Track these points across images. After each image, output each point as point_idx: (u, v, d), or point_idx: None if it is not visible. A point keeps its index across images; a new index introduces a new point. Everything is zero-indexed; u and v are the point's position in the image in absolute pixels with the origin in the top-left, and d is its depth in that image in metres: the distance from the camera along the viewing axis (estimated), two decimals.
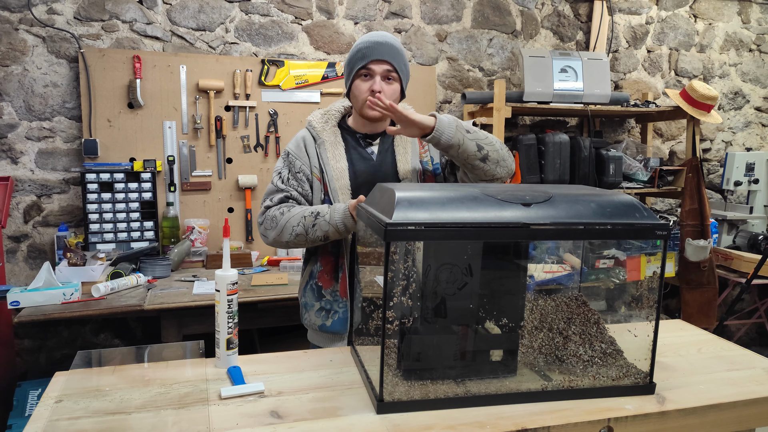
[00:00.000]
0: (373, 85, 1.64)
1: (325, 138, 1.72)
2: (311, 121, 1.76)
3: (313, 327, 1.76)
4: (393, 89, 1.67)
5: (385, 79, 1.66)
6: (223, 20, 3.03)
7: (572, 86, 3.15)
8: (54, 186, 2.86)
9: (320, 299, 1.73)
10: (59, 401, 1.13)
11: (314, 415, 1.08)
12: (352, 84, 1.68)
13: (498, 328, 1.22)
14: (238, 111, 3.02)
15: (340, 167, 1.69)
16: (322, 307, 1.73)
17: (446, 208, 1.09)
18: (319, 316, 1.73)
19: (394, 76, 1.67)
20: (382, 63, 1.64)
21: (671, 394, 1.19)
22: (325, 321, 1.72)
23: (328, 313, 1.72)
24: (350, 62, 1.68)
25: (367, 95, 1.64)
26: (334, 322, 1.71)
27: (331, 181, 1.68)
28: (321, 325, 1.73)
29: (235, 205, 3.07)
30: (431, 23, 3.37)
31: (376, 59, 1.63)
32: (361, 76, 1.66)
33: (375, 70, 1.64)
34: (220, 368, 1.29)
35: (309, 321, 1.76)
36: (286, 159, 1.73)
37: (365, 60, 1.64)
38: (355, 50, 1.67)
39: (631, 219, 1.15)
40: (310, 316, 1.75)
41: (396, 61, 1.66)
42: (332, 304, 1.71)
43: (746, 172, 3.69)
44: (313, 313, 1.74)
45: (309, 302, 1.75)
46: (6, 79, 2.76)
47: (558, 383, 1.18)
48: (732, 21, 3.97)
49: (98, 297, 2.29)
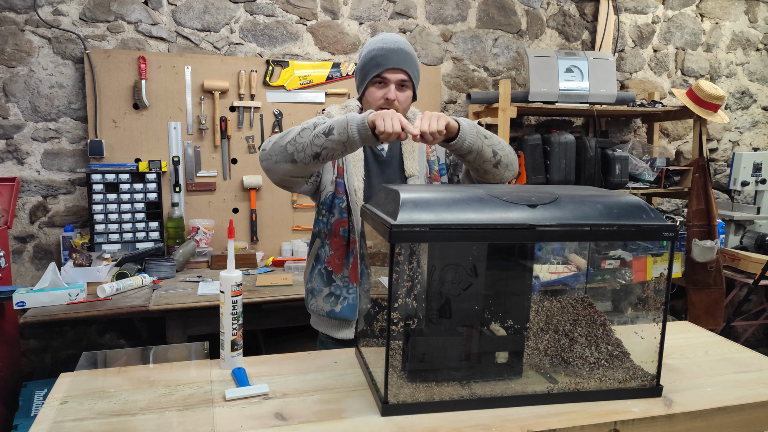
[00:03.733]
0: (387, 93, 1.64)
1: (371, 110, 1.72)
2: (330, 112, 1.75)
3: (320, 313, 1.72)
4: (406, 96, 1.67)
5: (399, 86, 1.65)
6: (228, 21, 3.03)
7: (578, 86, 3.13)
8: (60, 187, 2.87)
9: (330, 284, 1.70)
10: (64, 402, 1.13)
11: (319, 417, 1.08)
12: (365, 90, 1.68)
13: (503, 330, 1.22)
14: (243, 111, 3.02)
15: (356, 154, 1.69)
16: (331, 293, 1.70)
17: (451, 210, 1.08)
18: (327, 302, 1.70)
19: (407, 84, 1.67)
20: (397, 72, 1.64)
21: (678, 397, 1.18)
22: (334, 307, 1.69)
23: (338, 299, 1.69)
24: (364, 68, 1.67)
25: (381, 103, 1.65)
26: (343, 308, 1.69)
27: (347, 165, 1.68)
28: (329, 311, 1.70)
29: (240, 205, 3.07)
30: (436, 23, 3.37)
31: (391, 68, 1.63)
32: (375, 84, 1.66)
33: (390, 78, 1.64)
34: (224, 369, 1.29)
35: (316, 306, 1.73)
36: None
37: (380, 68, 1.63)
38: (369, 56, 1.65)
39: (638, 220, 1.14)
40: (317, 302, 1.72)
41: (410, 68, 1.65)
42: (342, 289, 1.69)
43: (753, 172, 3.66)
44: (321, 299, 1.71)
45: (317, 287, 1.73)
46: (12, 80, 2.77)
47: (564, 385, 1.17)
48: (739, 20, 3.94)
49: (104, 297, 2.29)
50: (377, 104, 1.66)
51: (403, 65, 1.64)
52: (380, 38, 1.68)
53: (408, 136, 1.38)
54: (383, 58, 1.63)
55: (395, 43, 1.65)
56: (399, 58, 1.63)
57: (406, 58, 1.65)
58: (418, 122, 1.40)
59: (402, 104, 1.67)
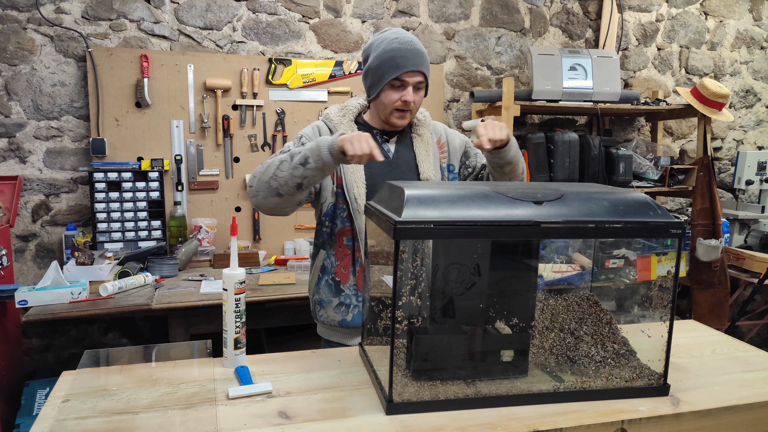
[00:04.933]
0: (405, 95, 1.63)
1: (342, 131, 1.68)
2: (328, 113, 1.74)
3: (331, 324, 1.72)
4: (420, 96, 1.67)
5: (415, 88, 1.64)
6: (231, 19, 3.02)
7: (581, 84, 3.12)
8: (62, 185, 2.87)
9: (339, 294, 1.70)
10: (66, 401, 1.12)
11: (323, 415, 1.07)
12: (381, 91, 1.65)
13: (508, 328, 1.21)
14: (246, 110, 3.01)
15: None
16: (341, 302, 1.69)
17: (456, 206, 1.07)
18: (338, 312, 1.70)
19: (422, 85, 1.66)
20: (415, 74, 1.62)
21: (686, 396, 1.17)
22: (345, 316, 1.69)
23: (348, 308, 1.69)
24: (381, 68, 1.63)
25: (398, 105, 1.64)
26: (355, 316, 1.68)
27: (346, 173, 1.66)
28: (341, 320, 1.69)
29: (242, 204, 3.06)
30: (439, 21, 3.35)
31: (411, 70, 1.61)
32: (392, 86, 1.63)
33: (409, 81, 1.62)
34: (227, 368, 1.28)
35: (326, 318, 1.72)
36: (297, 141, 1.69)
37: (400, 70, 1.61)
38: (386, 56, 1.61)
39: (645, 217, 1.13)
40: (327, 313, 1.71)
41: (426, 69, 1.65)
42: (351, 298, 1.69)
43: (758, 170, 3.64)
44: (332, 309, 1.70)
45: (325, 298, 1.72)
46: (14, 79, 2.76)
47: (570, 384, 1.16)
48: (743, 18, 3.92)
49: (106, 296, 2.29)
50: (394, 106, 1.65)
51: (421, 67, 1.63)
52: (394, 36, 1.64)
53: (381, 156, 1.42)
54: (403, 60, 1.60)
55: (411, 43, 1.63)
56: (418, 60, 1.62)
57: (423, 59, 1.64)
58: (482, 130, 1.49)
59: (417, 105, 1.67)
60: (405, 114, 1.67)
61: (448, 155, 1.79)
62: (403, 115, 1.67)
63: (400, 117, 1.67)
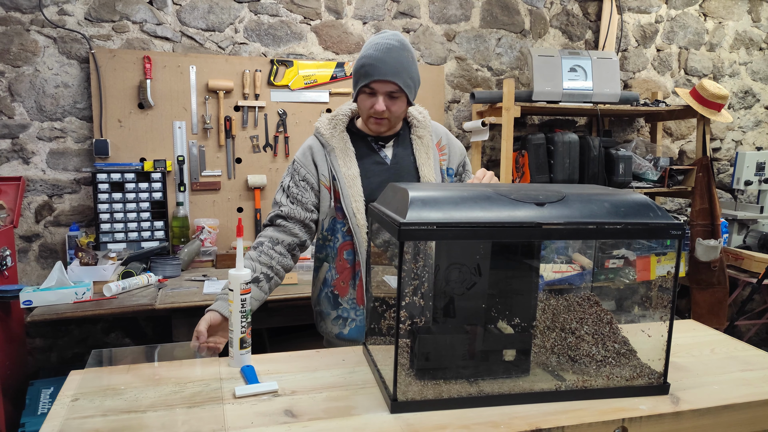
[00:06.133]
0: (375, 104, 1.59)
1: (335, 145, 1.68)
2: (318, 128, 1.72)
3: (329, 335, 1.74)
4: (398, 105, 1.62)
5: (390, 96, 1.60)
6: (233, 21, 3.04)
7: (581, 85, 3.14)
8: (65, 186, 2.88)
9: (337, 307, 1.71)
10: (75, 399, 1.14)
11: (328, 414, 1.08)
12: (357, 96, 1.65)
13: (510, 328, 1.22)
14: (248, 111, 3.03)
15: (352, 174, 1.66)
16: (339, 315, 1.71)
17: (460, 208, 1.09)
18: (335, 325, 1.72)
19: (398, 95, 1.60)
20: (386, 84, 1.57)
21: (685, 395, 1.18)
22: (342, 329, 1.71)
23: (345, 321, 1.70)
24: (355, 74, 1.62)
25: (371, 112, 1.62)
26: (351, 330, 1.70)
27: (343, 188, 1.65)
28: (338, 333, 1.72)
29: (244, 204, 3.08)
30: (440, 23, 3.37)
31: (378, 79, 1.56)
32: (365, 93, 1.61)
33: (378, 89, 1.59)
34: (233, 367, 1.30)
35: (325, 329, 1.75)
36: (291, 167, 1.71)
37: (368, 78, 1.57)
38: (360, 63, 1.60)
39: (646, 218, 1.14)
40: (326, 325, 1.74)
41: (400, 79, 1.57)
42: (349, 312, 1.70)
43: (757, 171, 3.67)
44: (330, 322, 1.73)
45: (325, 311, 1.74)
46: (17, 80, 2.78)
47: (571, 383, 1.18)
48: (742, 19, 3.94)
49: (110, 296, 2.30)
50: (367, 113, 1.63)
51: (392, 77, 1.56)
52: (374, 42, 1.61)
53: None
54: (372, 68, 1.56)
55: (388, 50, 1.57)
56: (388, 69, 1.56)
57: (396, 68, 1.56)
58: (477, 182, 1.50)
59: (394, 114, 1.63)
60: (381, 121, 1.64)
61: (448, 158, 1.78)
62: (379, 122, 1.64)
63: (376, 123, 1.65)
